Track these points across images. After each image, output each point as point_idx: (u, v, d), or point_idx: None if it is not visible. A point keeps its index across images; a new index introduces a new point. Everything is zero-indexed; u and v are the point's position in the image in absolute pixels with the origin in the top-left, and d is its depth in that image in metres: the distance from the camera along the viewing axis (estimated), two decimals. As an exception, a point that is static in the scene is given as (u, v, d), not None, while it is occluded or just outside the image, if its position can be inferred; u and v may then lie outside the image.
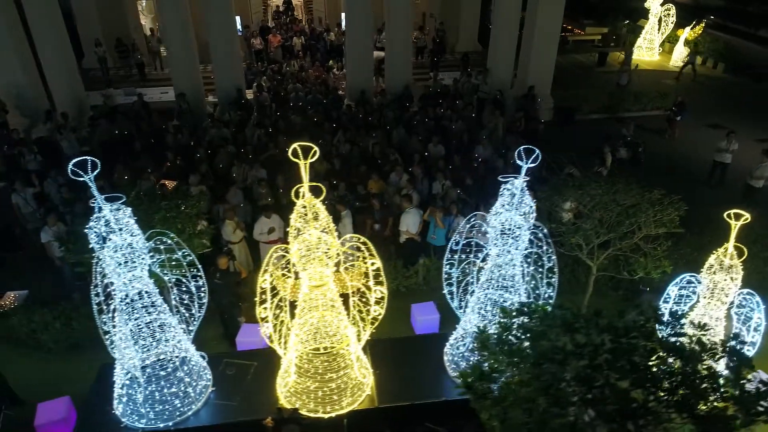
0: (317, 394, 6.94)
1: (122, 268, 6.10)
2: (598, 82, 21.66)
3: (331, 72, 19.20)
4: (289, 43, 21.57)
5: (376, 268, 6.17)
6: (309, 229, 6.09)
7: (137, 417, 6.79)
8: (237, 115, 15.35)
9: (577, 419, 5.00)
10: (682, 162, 15.81)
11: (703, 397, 4.74)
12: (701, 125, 18.26)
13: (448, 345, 7.86)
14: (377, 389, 7.32)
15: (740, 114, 19.07)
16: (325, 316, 6.59)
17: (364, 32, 16.81)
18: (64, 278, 10.52)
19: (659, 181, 9.36)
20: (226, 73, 16.52)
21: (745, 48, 24.22)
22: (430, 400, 7.29)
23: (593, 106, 18.81)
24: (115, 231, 6.05)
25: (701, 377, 4.88)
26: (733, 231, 7.48)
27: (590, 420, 5.00)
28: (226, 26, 15.96)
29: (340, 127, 14.50)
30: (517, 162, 6.65)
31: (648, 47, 25.13)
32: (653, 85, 21.05)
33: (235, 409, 7.14)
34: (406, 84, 17.53)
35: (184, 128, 14.19)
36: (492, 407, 5.42)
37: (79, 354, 9.12)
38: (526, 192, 6.42)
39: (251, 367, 7.72)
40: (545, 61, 17.77)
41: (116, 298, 6.36)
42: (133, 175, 12.05)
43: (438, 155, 13.21)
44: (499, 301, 6.98)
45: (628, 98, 19.09)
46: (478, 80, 18.08)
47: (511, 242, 6.58)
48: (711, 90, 21.74)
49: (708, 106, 19.85)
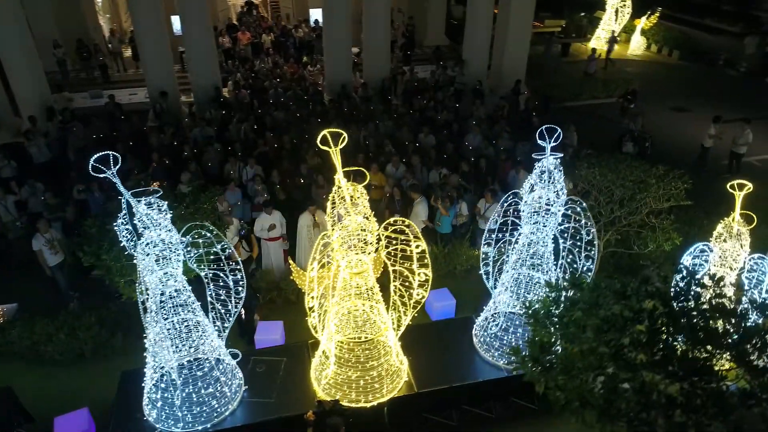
0: (359, 384, 6.86)
1: (158, 264, 5.85)
2: (566, 72, 22.32)
3: (306, 68, 18.98)
4: (258, 40, 21.18)
5: (421, 250, 6.15)
6: (350, 214, 6.00)
7: (173, 421, 6.52)
8: (218, 113, 14.95)
9: (645, 381, 5.10)
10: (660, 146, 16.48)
11: (763, 351, 4.96)
12: (666, 109, 19.11)
13: (477, 327, 7.93)
14: (413, 375, 7.30)
15: (701, 97, 20.05)
16: (365, 304, 6.52)
17: (341, 27, 16.70)
18: (59, 287, 9.98)
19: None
20: (202, 72, 16.06)
21: (696, 36, 25.49)
22: (467, 382, 7.33)
23: (565, 95, 19.36)
24: (150, 227, 5.80)
25: (757, 331, 5.10)
26: (738, 200, 7.85)
27: (657, 381, 5.11)
28: (200, 23, 15.52)
29: (326, 122, 14.37)
30: (539, 142, 6.79)
31: (606, 37, 26.02)
32: (616, 73, 21.88)
33: (272, 406, 6.97)
34: (385, 77, 17.56)
35: (165, 128, 13.71)
36: (556, 377, 5.50)
37: (87, 364, 8.71)
38: (558, 170, 6.55)
39: (281, 363, 7.55)
40: (519, 52, 18.17)
41: (150, 297, 6.09)
42: (121, 177, 11.52)
43: (429, 145, 13.30)
44: (530, 280, 7.11)
45: (597, 86, 19.75)
46: (455, 72, 18.28)
47: (544, 220, 6.71)
48: (670, 76, 22.75)
49: (670, 91, 20.79)
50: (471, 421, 7.69)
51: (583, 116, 17.28)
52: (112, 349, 8.84)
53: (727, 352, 5.14)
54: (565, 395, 5.40)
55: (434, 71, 18.38)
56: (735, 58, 22.77)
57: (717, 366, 5.13)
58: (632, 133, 14.65)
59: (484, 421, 7.73)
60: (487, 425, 7.71)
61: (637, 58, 24.84)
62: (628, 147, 14.29)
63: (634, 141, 14.37)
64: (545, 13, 29.46)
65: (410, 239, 6.13)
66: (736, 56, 22.79)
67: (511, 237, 7.15)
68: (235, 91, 16.34)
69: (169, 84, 15.91)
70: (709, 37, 25.36)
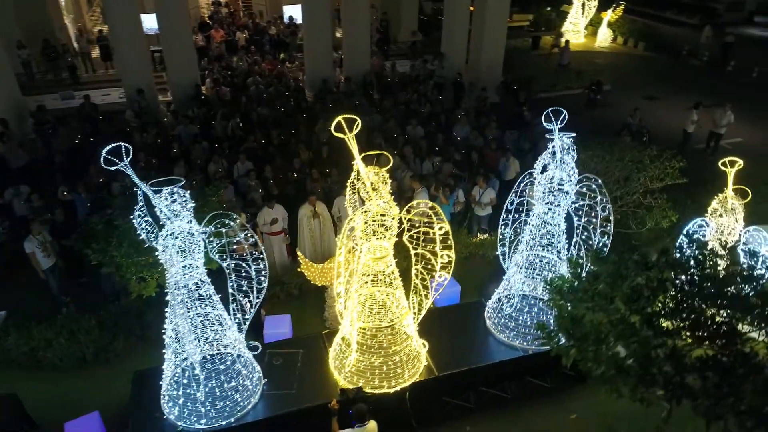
0: (382, 369, 6.86)
1: (180, 256, 5.72)
2: (538, 64, 22.77)
3: (284, 65, 18.78)
4: (232, 38, 20.85)
5: (444, 232, 6.19)
6: (372, 199, 6.01)
7: (196, 417, 6.37)
8: (201, 110, 14.66)
9: (676, 346, 5.25)
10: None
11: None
12: (637, 98, 19.71)
13: (489, 309, 8.03)
14: (432, 359, 7.34)
15: (668, 86, 20.79)
16: (386, 289, 6.53)
17: (322, 22, 16.62)
18: (51, 291, 9.61)
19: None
20: (181, 69, 15.71)
21: (658, 28, 26.40)
22: (485, 363, 7.42)
23: (540, 86, 19.74)
24: (171, 218, 5.67)
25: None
26: (730, 176, 8.20)
27: (688, 346, 5.28)
28: (178, 18, 15.18)
29: (313, 117, 14.30)
30: (545, 125, 6.95)
31: (574, 30, 26.69)
32: (587, 65, 22.46)
33: (294, 398, 6.89)
34: (366, 72, 17.56)
35: (148, 127, 13.38)
36: (587, 348, 5.62)
37: (89, 368, 8.43)
38: (570, 149, 6.71)
39: (298, 355, 7.48)
40: (496, 45, 18.45)
41: (171, 289, 5.94)
42: (109, 179, 11.22)
43: (417, 137, 13.38)
44: (543, 261, 7.25)
45: (571, 76, 20.23)
46: (434, 65, 18.42)
47: (556, 199, 6.85)
48: (637, 67, 23.47)
49: (639, 80, 21.48)
50: (488, 402, 7.78)
51: (557, 106, 17.70)
52: (114, 352, 8.58)
53: (749, 315, 5.34)
54: (598, 365, 5.53)
55: (414, 65, 18.48)
56: (697, 48, 23.66)
57: (742, 329, 5.32)
58: (630, 127, 14.91)
59: (500, 401, 7.84)
60: (503, 405, 7.83)
61: (605, 50, 25.54)
62: (627, 140, 14.60)
63: (632, 135, 14.58)
64: (513, 7, 30.05)
65: (433, 221, 6.16)
66: (698, 47, 23.69)
67: (527, 217, 7.27)
68: (216, 88, 16.05)
69: (146, 82, 15.49)
70: (670, 29, 26.30)
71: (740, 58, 22.77)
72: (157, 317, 8.86)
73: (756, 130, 17.28)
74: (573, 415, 7.72)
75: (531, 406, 7.87)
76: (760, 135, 17.09)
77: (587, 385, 8.17)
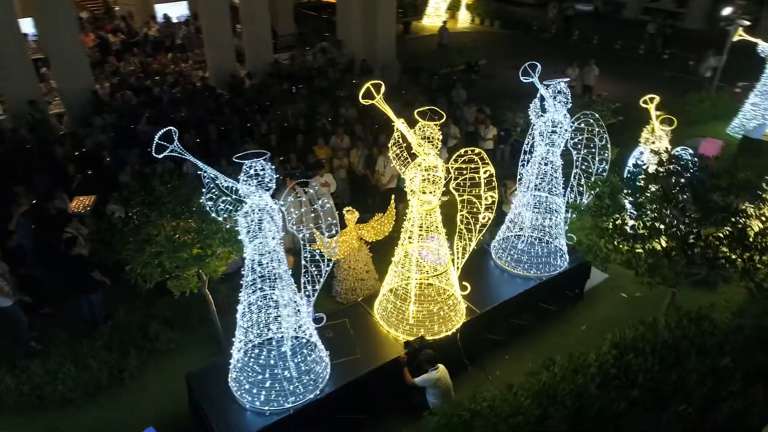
0: (439, 315, 7.32)
1: (260, 231, 5.62)
2: (418, 46, 24.22)
3: (179, 64, 17.75)
4: (105, 41, 19.07)
5: (489, 174, 6.81)
6: (429, 154, 6.43)
7: (283, 398, 6.28)
8: (111, 117, 13.43)
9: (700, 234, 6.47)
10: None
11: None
12: (508, 68, 22.03)
13: (498, 249, 8.83)
14: (468, 301, 7.94)
15: (529, 57, 23.23)
16: (437, 237, 7.01)
17: (221, 17, 16.08)
18: (19, 325, 8.36)
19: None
20: (71, 75, 14.17)
21: (508, 10, 29.52)
22: (513, 295, 8.23)
23: (430, 65, 21.09)
24: (249, 195, 5.55)
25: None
26: (652, 110, 9.96)
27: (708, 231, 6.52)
28: (64, 21, 13.66)
29: (237, 112, 13.95)
30: (522, 79, 7.98)
31: (436, 14, 28.66)
32: (459, 43, 24.43)
33: (362, 361, 7.05)
34: (269, 64, 17.37)
35: (64, 138, 12.00)
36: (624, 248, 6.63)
37: (106, 392, 7.64)
38: (561, 95, 7.73)
39: (346, 324, 7.61)
40: (388, 29, 19.36)
41: (248, 267, 5.80)
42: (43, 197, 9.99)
43: (352, 118, 13.77)
44: (545, 201, 8.25)
45: (453, 54, 21.94)
46: (333, 53, 18.78)
47: (555, 139, 7.86)
48: (499, 42, 26.04)
49: (502, 54, 23.90)
50: (511, 333, 8.60)
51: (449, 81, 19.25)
52: (129, 371, 7.87)
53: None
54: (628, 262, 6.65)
55: (315, 53, 18.66)
56: (545, 24, 26.96)
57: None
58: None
59: (521, 330, 8.72)
60: (525, 333, 8.72)
61: (467, 30, 27.87)
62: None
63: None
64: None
65: (479, 166, 6.75)
66: (545, 22, 27.01)
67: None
68: (120, 93, 14.73)
69: (33, 93, 13.75)
70: (519, 9, 29.56)
71: (580, 30, 26.46)
72: (163, 327, 8.38)
73: (613, 85, 20.40)
74: (583, 326, 8.88)
75: (547, 328, 8.87)
76: (615, 88, 20.23)
77: (584, 302, 9.43)
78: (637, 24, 28.07)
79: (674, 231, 6.32)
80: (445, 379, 6.95)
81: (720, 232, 6.36)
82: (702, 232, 6.44)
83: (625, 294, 9.53)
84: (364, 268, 9.01)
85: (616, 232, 6.61)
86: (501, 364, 8.18)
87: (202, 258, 6.61)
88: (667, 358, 6.21)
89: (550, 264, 8.52)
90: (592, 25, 27.51)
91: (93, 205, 10.32)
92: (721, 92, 17.83)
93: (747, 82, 17.38)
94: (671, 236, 6.37)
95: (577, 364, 6.24)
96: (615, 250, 6.79)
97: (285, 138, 12.51)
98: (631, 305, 9.33)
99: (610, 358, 6.18)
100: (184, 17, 21.58)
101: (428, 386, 6.89)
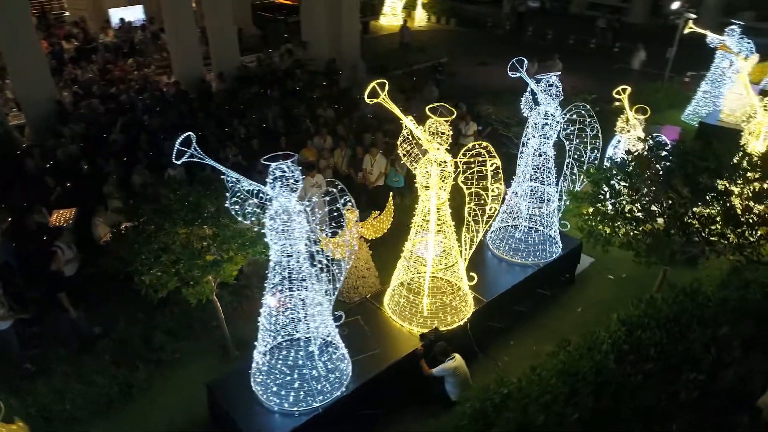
0: (452, 306, 7.52)
1: (284, 234, 5.64)
2: (379, 45, 24.39)
3: (141, 70, 17.21)
4: (58, 48, 18.26)
5: (495, 167, 7.05)
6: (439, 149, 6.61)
7: (311, 397, 6.32)
8: (80, 127, 12.94)
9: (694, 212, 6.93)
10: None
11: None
12: (473, 65, 22.56)
13: (495, 240, 9.11)
14: (474, 290, 8.18)
15: (487, 53, 24.03)
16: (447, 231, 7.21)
17: (186, 19, 15.74)
18: (11, 347, 8.00)
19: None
20: (32, 84, 13.53)
21: (462, 7, 30.10)
22: (516, 282, 8.53)
23: (394, 64, 21.32)
24: (275, 198, 5.56)
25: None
26: (625, 101, 10.50)
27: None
28: (22, 25, 13.05)
29: (212, 117, 13.73)
30: (510, 74, 8.31)
31: (392, 14, 28.92)
32: (419, 42, 24.77)
33: (381, 356, 7.17)
34: (236, 66, 17.14)
35: (33, 150, 11.49)
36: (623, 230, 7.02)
37: (117, 408, 7.43)
38: (552, 88, 8.08)
39: (359, 321, 7.69)
40: (353, 29, 19.42)
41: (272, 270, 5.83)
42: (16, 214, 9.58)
43: (330, 118, 13.82)
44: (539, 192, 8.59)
45: (416, 53, 22.23)
46: (299, 54, 18.70)
47: (547, 131, 8.20)
48: (456, 40, 26.55)
49: (461, 51, 24.42)
50: (512, 320, 8.91)
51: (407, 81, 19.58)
52: (138, 385, 7.68)
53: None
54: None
55: (282, 55, 18.53)
56: (499, 20, 27.69)
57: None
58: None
59: (521, 317, 9.04)
60: (524, 319, 9.04)
61: (424, 28, 28.26)
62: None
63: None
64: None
65: (486, 159, 6.99)
66: (500, 19, 27.74)
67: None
68: (84, 101, 14.18)
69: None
70: (471, 8, 30.21)
71: (532, 26, 27.32)
72: (168, 337, 8.23)
73: (571, 78, 21.18)
74: (579, 309, 9.29)
75: (545, 313, 9.22)
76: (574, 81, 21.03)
77: (575, 286, 9.86)
78: (584, 19, 29.28)
79: (671, 212, 6.74)
80: (463, 368, 7.17)
81: (712, 211, 6.84)
82: (695, 211, 6.90)
83: (612, 276, 10.02)
84: (365, 266, 9.11)
85: (618, 216, 6.99)
86: (507, 350, 8.46)
87: (219, 264, 6.55)
88: (672, 331, 6.64)
89: (546, 251, 8.88)
90: (543, 21, 28.43)
91: (75, 217, 9.98)
92: (672, 82, 18.88)
93: (695, 72, 18.56)
94: (670, 217, 6.79)
95: (590, 342, 6.57)
96: (616, 233, 7.17)
97: (266, 141, 12.41)
98: (619, 286, 9.82)
99: (621, 335, 6.54)
100: (139, 21, 20.92)
101: (447, 375, 7.09)
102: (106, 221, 9.56)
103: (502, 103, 12.41)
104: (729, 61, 15.02)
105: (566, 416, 5.47)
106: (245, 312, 8.87)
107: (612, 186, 7.38)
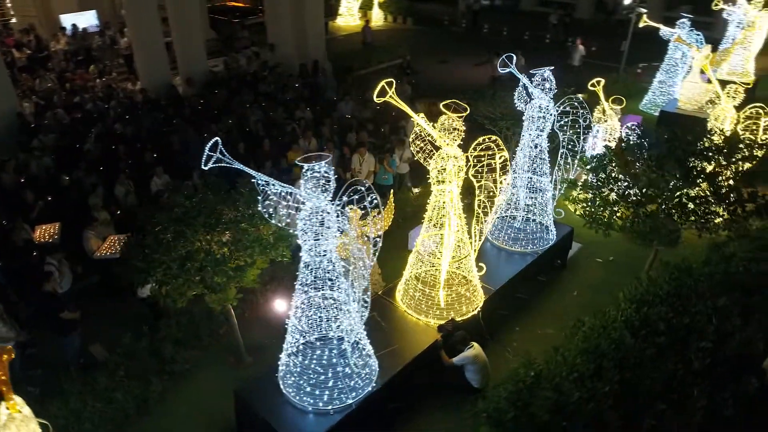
0: (467, 296, 7.74)
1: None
2: (340, 45, 24.43)
3: (103, 77, 16.60)
4: (9, 59, 17.35)
5: (504, 160, 7.31)
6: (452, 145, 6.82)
7: (345, 394, 6.39)
8: (50, 138, 12.40)
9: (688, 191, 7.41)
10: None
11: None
12: (434, 63, 22.94)
13: (494, 231, 9.40)
14: (482, 280, 8.43)
15: (445, 50, 24.51)
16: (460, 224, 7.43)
17: (152, 24, 15.31)
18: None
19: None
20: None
21: (417, 6, 30.53)
22: (519, 270, 8.85)
23: (356, 63, 21.39)
24: (309, 198, 5.61)
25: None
26: (600, 91, 11.07)
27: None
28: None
29: (189, 123, 13.47)
30: (500, 70, 8.65)
31: (349, 14, 29.00)
32: (380, 41, 24.97)
33: (401, 351, 7.29)
34: (204, 71, 16.82)
35: (6, 164, 10.94)
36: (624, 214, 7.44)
37: (134, 424, 7.23)
38: (545, 82, 8.43)
39: (376, 316, 7.78)
40: (318, 29, 19.40)
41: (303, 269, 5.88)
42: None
43: (309, 119, 13.81)
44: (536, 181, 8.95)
45: (380, 53, 22.42)
46: (267, 56, 18.53)
47: (542, 124, 8.55)
48: (414, 39, 26.85)
49: (422, 49, 24.77)
50: (514, 307, 9.23)
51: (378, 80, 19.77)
52: (154, 399, 7.51)
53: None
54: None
55: (249, 58, 18.29)
56: (455, 18, 28.26)
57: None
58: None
59: (521, 303, 9.37)
60: (525, 305, 9.38)
61: (382, 28, 28.47)
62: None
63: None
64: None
65: (495, 152, 7.24)
66: (455, 17, 28.31)
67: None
68: (49, 112, 13.57)
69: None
70: (426, 6, 30.68)
71: (486, 23, 28.02)
72: (177, 348, 8.09)
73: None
74: (575, 292, 9.72)
75: (543, 297, 9.60)
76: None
77: (568, 270, 10.29)
78: (535, 15, 30.29)
79: (668, 194, 7.20)
80: (482, 355, 7.41)
81: (706, 191, 7.35)
82: (689, 192, 7.40)
83: (600, 259, 10.53)
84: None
85: (620, 201, 7.40)
86: (514, 335, 8.77)
87: (243, 269, 6.50)
88: (675, 305, 7.11)
89: (542, 239, 9.25)
90: (496, 18, 29.21)
91: (59, 232, 9.60)
92: (626, 74, 19.85)
93: (646, 63, 19.63)
94: (667, 199, 7.25)
95: (603, 321, 6.94)
96: (617, 218, 7.58)
97: (250, 145, 12.28)
98: (607, 269, 10.34)
99: (632, 312, 6.94)
100: (92, 27, 20.12)
101: (467, 363, 7.31)
102: (99, 234, 9.26)
103: (480, 99, 12.74)
104: (681, 52, 15.96)
105: (597, 390, 5.78)
106: (250, 318, 8.84)
107: (609, 173, 7.78)
